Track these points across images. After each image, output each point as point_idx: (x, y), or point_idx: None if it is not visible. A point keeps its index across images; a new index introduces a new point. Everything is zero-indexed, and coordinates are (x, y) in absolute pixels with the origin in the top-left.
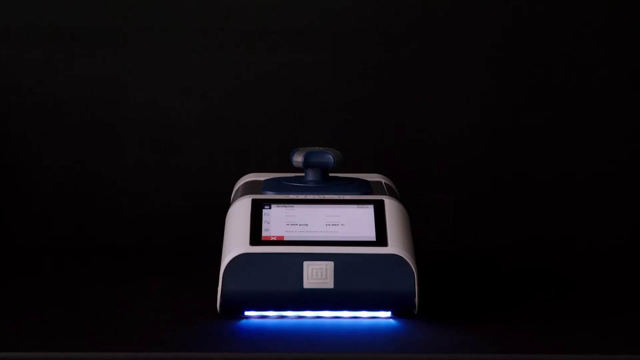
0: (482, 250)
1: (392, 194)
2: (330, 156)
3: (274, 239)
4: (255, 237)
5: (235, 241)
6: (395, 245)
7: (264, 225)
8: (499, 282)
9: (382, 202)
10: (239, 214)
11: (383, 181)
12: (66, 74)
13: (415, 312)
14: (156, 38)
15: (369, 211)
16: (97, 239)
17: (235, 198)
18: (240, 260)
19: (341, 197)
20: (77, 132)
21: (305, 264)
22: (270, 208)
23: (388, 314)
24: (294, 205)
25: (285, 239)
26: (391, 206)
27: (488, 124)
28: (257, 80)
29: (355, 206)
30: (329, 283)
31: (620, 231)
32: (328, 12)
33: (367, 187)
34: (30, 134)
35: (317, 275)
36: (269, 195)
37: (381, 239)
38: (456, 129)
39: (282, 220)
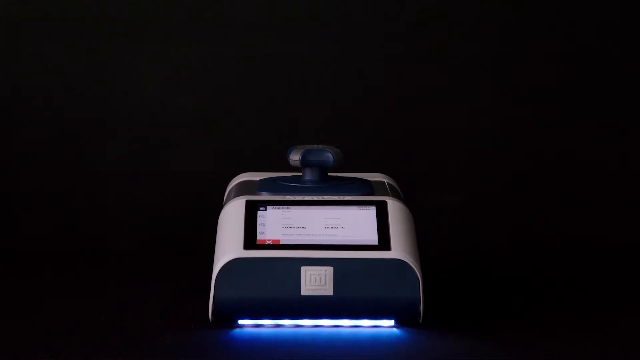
0: (490, 254)
1: (395, 194)
2: (330, 154)
3: (270, 242)
4: (250, 240)
5: (228, 245)
6: (399, 250)
7: (259, 228)
8: (509, 288)
9: (384, 203)
10: (232, 216)
11: (386, 181)
12: (54, 68)
13: (420, 321)
14: (149, 33)
15: (370, 213)
16: (85, 240)
17: (229, 199)
18: (234, 265)
19: (341, 198)
20: (65, 129)
21: (303, 269)
22: (265, 210)
23: (391, 322)
24: (291, 207)
25: (281, 242)
26: (394, 208)
27: (495, 123)
28: (254, 75)
29: (356, 208)
30: (328, 290)
31: (630, 232)
32: (329, 6)
33: (368, 188)
34: (17, 130)
35: (316, 282)
36: (264, 196)
37: (384, 242)
38: (462, 128)
39: (278, 223)
